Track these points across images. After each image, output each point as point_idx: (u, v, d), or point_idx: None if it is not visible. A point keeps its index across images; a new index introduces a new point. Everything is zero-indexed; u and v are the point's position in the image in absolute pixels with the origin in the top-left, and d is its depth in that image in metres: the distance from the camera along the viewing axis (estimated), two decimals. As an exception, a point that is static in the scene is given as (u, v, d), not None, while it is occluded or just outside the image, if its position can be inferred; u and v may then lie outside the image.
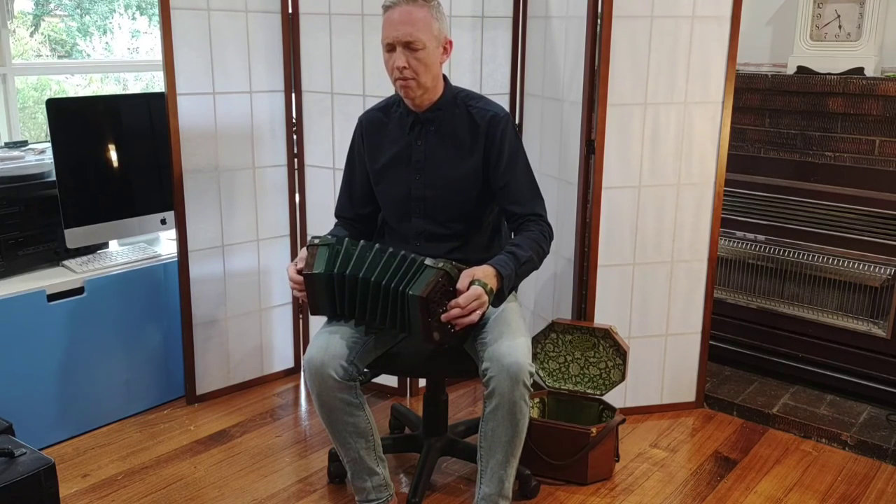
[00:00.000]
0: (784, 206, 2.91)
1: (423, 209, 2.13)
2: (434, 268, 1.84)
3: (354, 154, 2.24)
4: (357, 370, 1.99)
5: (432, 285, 1.81)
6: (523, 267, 1.97)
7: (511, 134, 2.09)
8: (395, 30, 1.95)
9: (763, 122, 2.97)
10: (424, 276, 1.84)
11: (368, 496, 2.09)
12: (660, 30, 2.48)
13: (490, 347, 1.92)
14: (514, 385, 1.87)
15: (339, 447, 2.06)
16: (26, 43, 3.88)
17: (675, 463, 2.50)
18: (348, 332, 2.01)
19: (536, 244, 2.02)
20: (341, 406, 1.98)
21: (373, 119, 2.20)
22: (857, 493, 2.34)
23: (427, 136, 2.10)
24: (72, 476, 2.37)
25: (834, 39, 2.84)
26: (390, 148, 2.15)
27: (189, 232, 2.71)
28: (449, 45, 2.05)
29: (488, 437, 1.95)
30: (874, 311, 2.77)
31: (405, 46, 1.96)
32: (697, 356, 2.78)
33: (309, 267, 1.94)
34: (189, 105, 2.64)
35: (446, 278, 1.84)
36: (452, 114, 2.10)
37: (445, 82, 2.12)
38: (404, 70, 1.97)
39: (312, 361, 1.95)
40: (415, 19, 1.95)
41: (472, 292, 1.83)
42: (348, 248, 1.95)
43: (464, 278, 1.86)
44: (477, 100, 2.13)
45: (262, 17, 2.75)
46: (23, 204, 2.51)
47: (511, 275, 1.93)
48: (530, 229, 2.05)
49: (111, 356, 2.65)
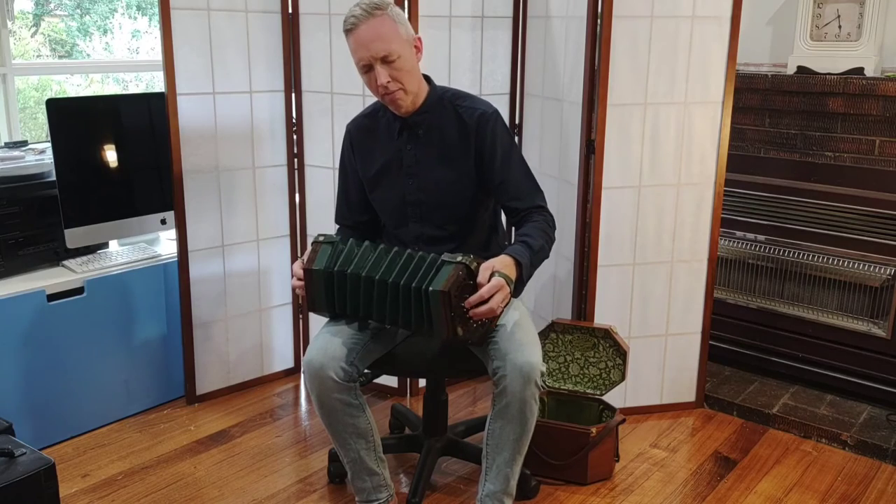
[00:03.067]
0: (784, 206, 2.91)
1: (419, 213, 2.12)
2: (453, 262, 1.82)
3: (346, 163, 2.22)
4: (357, 371, 1.99)
5: (453, 279, 1.79)
6: (537, 255, 1.97)
7: (501, 130, 2.07)
8: (367, 49, 1.93)
9: (763, 122, 2.97)
10: (444, 272, 1.82)
11: (369, 496, 2.09)
12: (660, 30, 2.48)
13: (501, 347, 1.91)
14: (525, 384, 1.87)
15: (339, 448, 2.06)
16: (26, 43, 3.88)
17: (675, 463, 2.50)
18: (348, 333, 2.01)
19: (545, 233, 2.02)
20: (341, 407, 1.98)
21: (361, 126, 2.18)
22: (857, 493, 2.34)
23: (416, 140, 2.09)
24: (72, 476, 2.38)
25: (834, 39, 2.83)
26: (382, 155, 2.13)
27: (189, 232, 2.71)
28: (419, 43, 2.02)
29: (496, 435, 1.95)
30: (874, 311, 2.77)
31: (382, 62, 1.93)
32: (697, 356, 2.78)
33: (310, 262, 1.94)
34: (189, 105, 2.64)
35: (466, 271, 1.82)
36: (440, 115, 2.07)
37: (429, 83, 2.09)
38: (389, 84, 1.95)
39: (312, 363, 1.95)
40: (382, 33, 1.92)
41: (494, 283, 1.81)
42: (352, 247, 1.95)
43: (483, 271, 1.84)
44: (464, 99, 2.10)
45: (262, 17, 2.75)
46: (23, 204, 2.51)
47: (528, 263, 1.92)
48: (535, 220, 2.04)
49: (111, 356, 2.65)
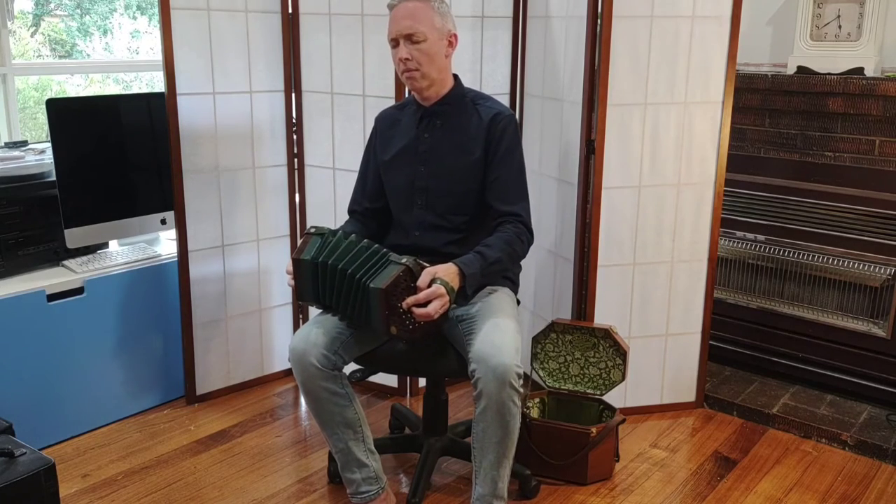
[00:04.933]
0: (784, 206, 2.91)
1: (424, 199, 2.17)
2: (397, 263, 1.89)
3: (369, 150, 2.31)
4: (342, 361, 2.02)
5: (393, 279, 1.85)
6: (491, 267, 2.00)
7: (511, 132, 2.13)
8: (397, 24, 2.06)
9: (763, 122, 2.97)
10: (388, 271, 1.88)
11: (359, 488, 2.10)
12: (660, 30, 2.49)
13: (476, 347, 1.91)
14: (500, 387, 1.87)
15: (328, 437, 2.08)
16: (26, 43, 3.87)
17: (675, 463, 2.50)
18: (331, 323, 2.04)
19: (508, 246, 2.04)
20: (326, 396, 2.00)
21: (387, 116, 2.29)
22: (857, 494, 2.34)
23: (434, 128, 2.16)
24: (72, 476, 2.38)
25: (834, 39, 2.83)
26: (400, 141, 2.21)
27: (189, 232, 2.71)
28: (454, 39, 2.12)
29: (479, 438, 1.96)
30: (874, 311, 2.77)
31: (407, 39, 2.05)
32: (697, 356, 2.78)
33: (299, 252, 2.00)
34: (189, 105, 2.64)
35: (408, 274, 1.88)
36: (460, 109, 2.16)
37: (456, 80, 2.19)
38: (408, 62, 2.05)
39: (295, 350, 2.00)
40: (415, 13, 2.04)
41: (433, 289, 1.87)
42: (339, 239, 1.99)
43: (425, 276, 1.89)
44: (486, 99, 2.20)
45: (262, 18, 2.75)
46: (23, 204, 2.51)
47: (476, 274, 1.95)
48: (506, 230, 2.07)
49: (111, 356, 2.65)
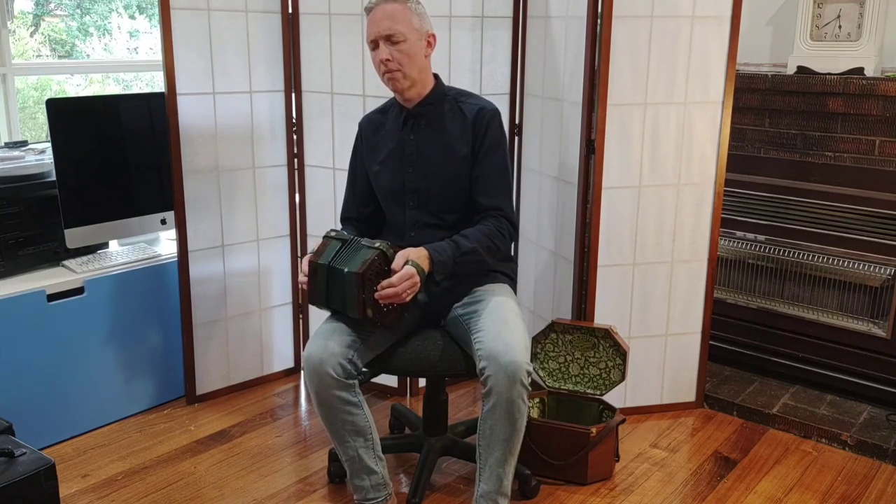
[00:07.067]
0: (784, 206, 2.91)
1: (416, 201, 2.18)
2: (371, 248, 1.95)
3: (356, 156, 2.31)
4: (356, 369, 2.01)
5: (368, 263, 1.91)
6: (464, 257, 2.03)
7: (495, 127, 2.14)
8: (376, 26, 2.06)
9: (763, 122, 2.97)
10: (361, 255, 1.94)
11: (367, 495, 2.09)
12: (660, 30, 2.48)
13: (487, 346, 1.93)
14: (511, 384, 1.88)
15: (338, 445, 2.07)
16: (26, 43, 3.87)
17: (675, 463, 2.50)
18: (347, 330, 2.03)
19: (486, 238, 2.07)
20: (339, 405, 1.99)
21: (371, 121, 2.29)
22: (857, 493, 2.34)
23: (419, 129, 2.17)
24: (72, 476, 2.38)
25: (834, 39, 2.83)
26: (386, 144, 2.21)
27: (189, 232, 2.71)
28: (432, 39, 2.13)
29: (486, 436, 1.96)
30: (874, 311, 2.77)
31: (387, 40, 2.05)
32: (697, 356, 2.78)
33: (317, 255, 2.02)
34: (189, 105, 2.64)
35: (381, 257, 1.94)
36: (443, 108, 2.16)
37: (437, 80, 2.19)
38: (389, 62, 2.06)
39: (311, 359, 1.98)
40: (394, 14, 2.05)
41: (404, 272, 1.93)
42: (357, 245, 2.01)
43: (398, 258, 1.95)
44: (468, 96, 2.20)
45: (262, 17, 2.75)
46: (23, 204, 2.51)
47: (447, 261, 1.99)
48: (486, 223, 2.10)
49: (111, 356, 2.65)
